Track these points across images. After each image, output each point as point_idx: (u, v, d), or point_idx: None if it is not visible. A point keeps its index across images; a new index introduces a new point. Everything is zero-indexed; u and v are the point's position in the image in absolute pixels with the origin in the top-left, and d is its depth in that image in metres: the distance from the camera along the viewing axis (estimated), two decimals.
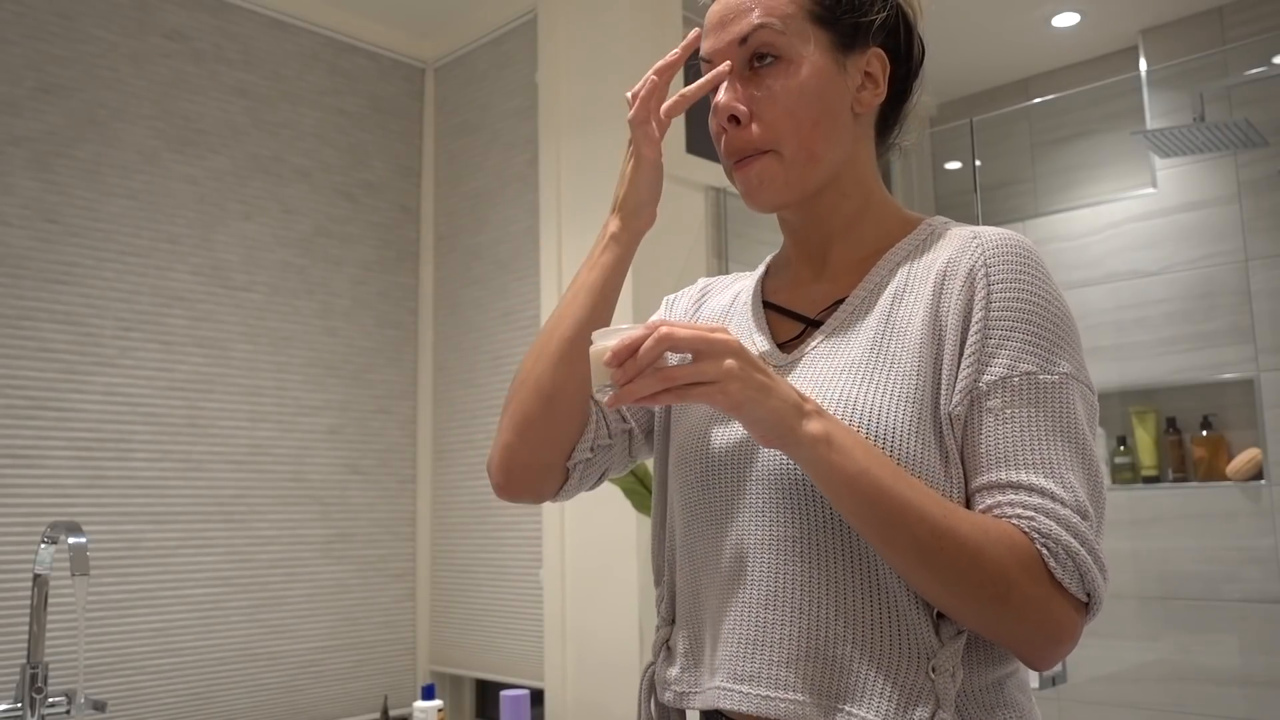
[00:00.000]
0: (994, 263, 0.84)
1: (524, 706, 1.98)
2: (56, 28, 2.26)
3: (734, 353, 0.74)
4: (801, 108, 0.88)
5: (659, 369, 0.74)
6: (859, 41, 0.91)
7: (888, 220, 0.95)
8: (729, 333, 0.76)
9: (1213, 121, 2.48)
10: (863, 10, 0.91)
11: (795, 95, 0.88)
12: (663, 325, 0.73)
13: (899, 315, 0.86)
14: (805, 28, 0.89)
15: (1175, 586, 2.65)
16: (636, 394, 0.73)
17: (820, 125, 0.89)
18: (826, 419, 0.77)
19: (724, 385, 0.73)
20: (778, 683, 0.80)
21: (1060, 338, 0.83)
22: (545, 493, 0.99)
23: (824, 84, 0.89)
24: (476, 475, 2.69)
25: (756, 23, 0.89)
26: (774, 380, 0.76)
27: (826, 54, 0.89)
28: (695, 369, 0.74)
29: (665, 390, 0.74)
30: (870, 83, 0.92)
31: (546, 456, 0.96)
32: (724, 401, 0.74)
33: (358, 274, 2.76)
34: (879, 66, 0.92)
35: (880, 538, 0.77)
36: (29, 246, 2.17)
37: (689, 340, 0.73)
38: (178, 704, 2.28)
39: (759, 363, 0.76)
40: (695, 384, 0.74)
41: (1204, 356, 2.71)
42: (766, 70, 0.89)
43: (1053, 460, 0.79)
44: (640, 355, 0.73)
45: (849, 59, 0.91)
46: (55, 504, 2.15)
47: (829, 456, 0.76)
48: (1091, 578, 0.77)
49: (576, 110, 2.46)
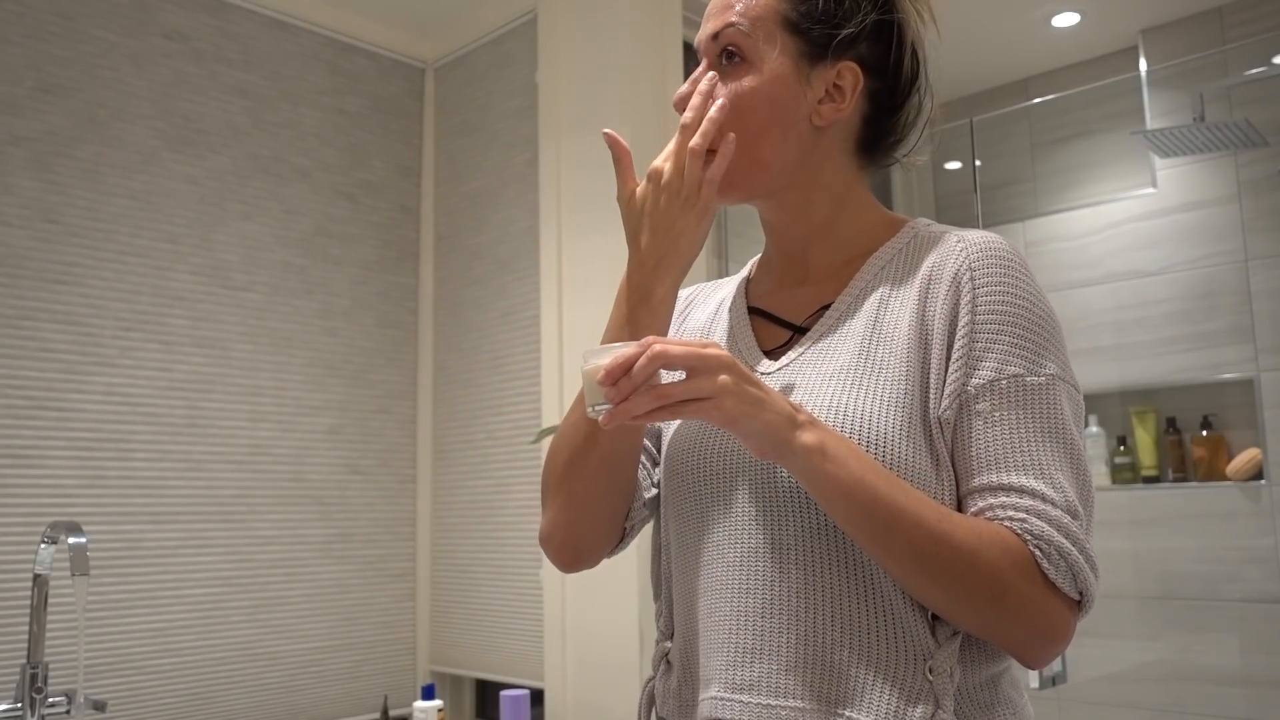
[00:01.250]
0: (979, 267, 0.85)
1: (524, 706, 1.98)
2: (56, 28, 2.26)
3: (727, 368, 0.75)
4: (749, 111, 0.88)
5: (653, 386, 0.74)
6: (829, 53, 0.89)
7: (868, 224, 0.95)
8: (721, 348, 0.76)
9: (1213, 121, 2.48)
10: (836, 23, 0.89)
11: (747, 98, 0.88)
12: (655, 343, 0.74)
13: (885, 320, 0.87)
14: (774, 32, 0.89)
15: (1175, 586, 2.65)
16: (631, 412, 0.74)
17: (767, 132, 0.89)
18: (820, 429, 0.78)
19: (719, 401, 0.74)
20: (778, 691, 0.80)
21: (1045, 340, 0.83)
22: (605, 554, 0.99)
23: (779, 91, 0.89)
24: (476, 475, 2.69)
25: (728, 21, 0.89)
26: (767, 393, 0.77)
27: (790, 61, 0.89)
28: (689, 385, 0.74)
29: (660, 408, 0.74)
30: (837, 95, 0.90)
31: (611, 525, 0.96)
32: (719, 417, 0.75)
33: (358, 274, 2.76)
34: (850, 80, 0.90)
35: (876, 545, 0.77)
36: (29, 246, 2.17)
37: (682, 357, 0.74)
38: (178, 704, 2.28)
39: (752, 376, 0.77)
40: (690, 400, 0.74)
41: (1204, 356, 2.71)
42: (731, 69, 0.90)
43: (1042, 461, 0.80)
44: (634, 373, 0.73)
45: (814, 69, 0.89)
46: (55, 504, 2.15)
47: (823, 466, 0.76)
48: (1083, 577, 0.78)
49: (576, 110, 2.46)
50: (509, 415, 2.61)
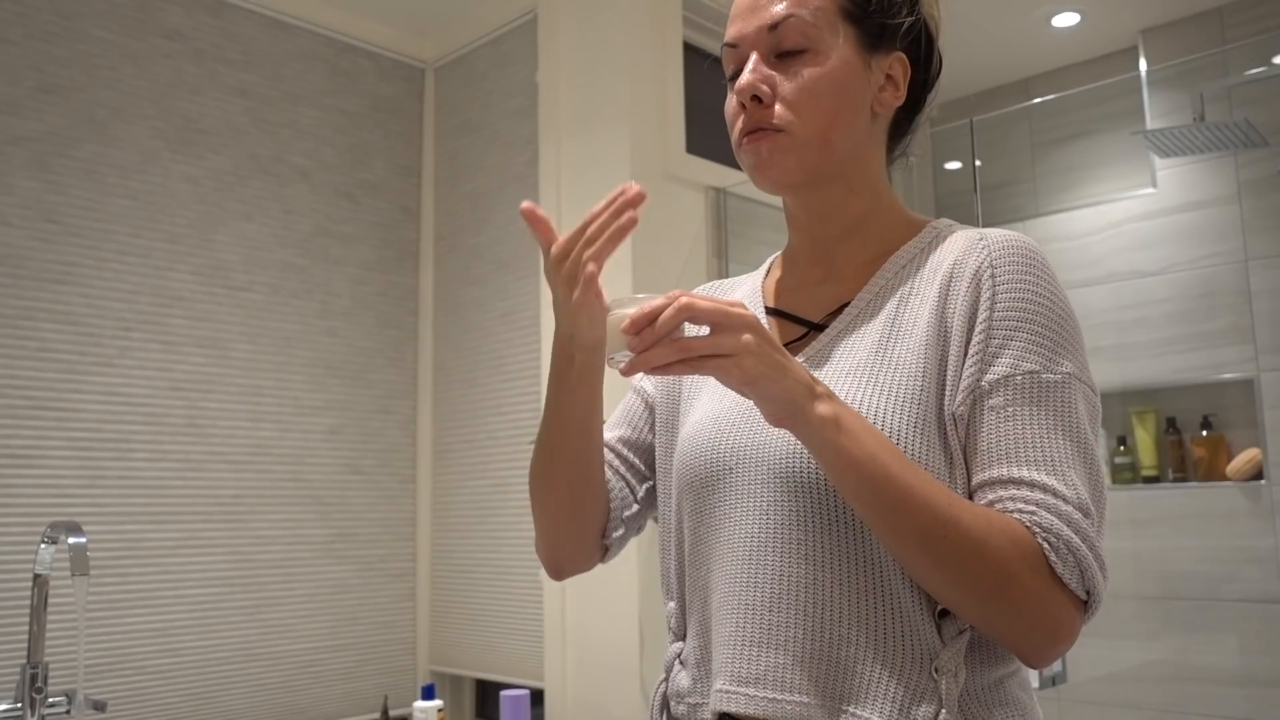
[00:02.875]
0: (1000, 263, 0.85)
1: (524, 706, 1.98)
2: (56, 28, 2.26)
3: (751, 328, 0.74)
4: (826, 95, 0.89)
5: (676, 339, 0.74)
6: (885, 42, 0.92)
7: (894, 223, 0.96)
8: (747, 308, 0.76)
9: (1213, 121, 2.48)
10: (891, 12, 0.92)
11: (821, 82, 0.89)
12: (683, 296, 0.74)
13: (904, 318, 0.87)
14: (835, 21, 0.90)
15: (1175, 586, 2.65)
16: (652, 362, 0.73)
17: (840, 115, 0.90)
18: (836, 403, 0.78)
19: (740, 359, 0.73)
20: (785, 685, 0.80)
21: (1064, 338, 0.83)
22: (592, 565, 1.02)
23: (849, 77, 0.90)
24: (476, 475, 2.69)
25: (787, 12, 0.89)
26: (788, 360, 0.76)
27: (854, 50, 0.90)
28: (713, 341, 0.74)
29: (680, 360, 0.74)
30: (891, 85, 0.93)
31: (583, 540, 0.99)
32: (738, 375, 0.74)
33: (358, 274, 2.76)
34: (900, 70, 0.93)
35: (884, 524, 0.77)
36: (29, 246, 2.17)
37: (708, 312, 0.73)
38: (178, 704, 2.28)
39: (775, 341, 0.77)
40: (711, 356, 0.74)
41: (1204, 356, 2.71)
42: (795, 58, 0.89)
43: (1055, 458, 0.79)
44: (659, 324, 0.73)
45: (874, 58, 0.92)
46: (55, 504, 2.15)
47: (837, 439, 0.76)
48: (1092, 575, 0.77)
49: (576, 110, 2.46)
50: (509, 415, 2.61)
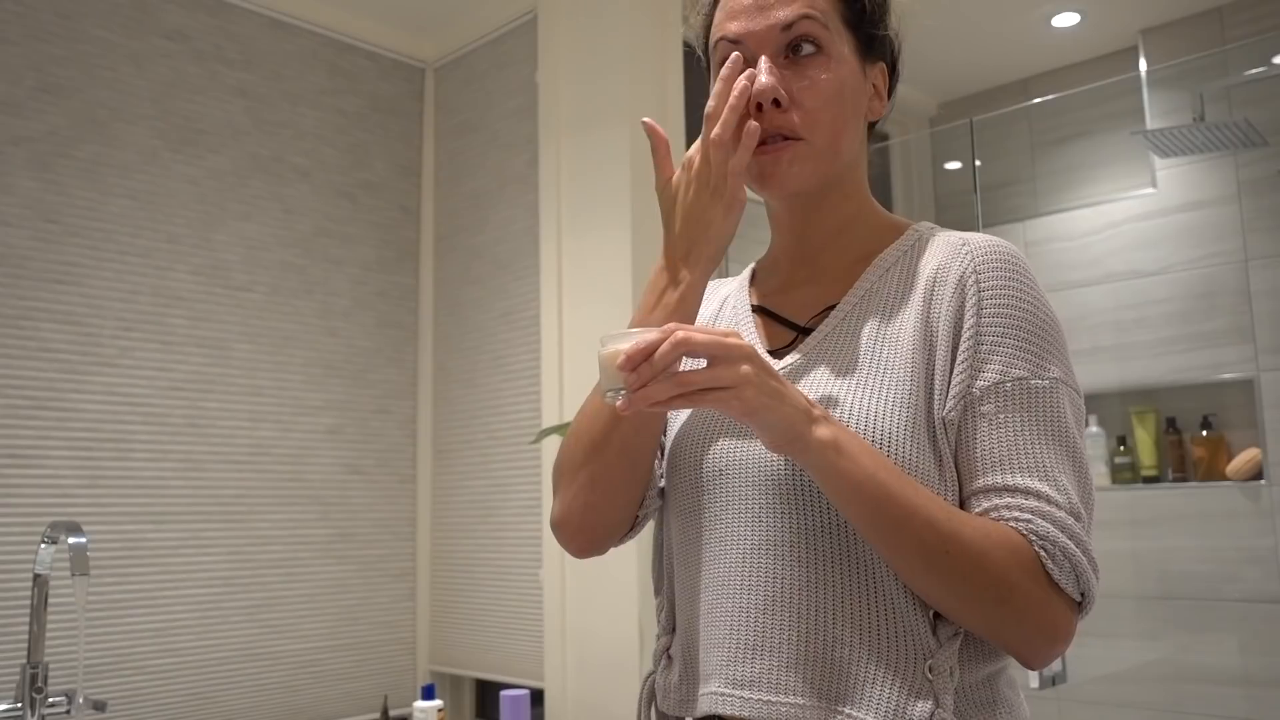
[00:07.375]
0: (984, 270, 0.85)
1: (524, 706, 1.98)
2: (56, 28, 2.26)
3: (749, 358, 0.74)
4: (839, 102, 0.89)
5: (673, 374, 0.73)
6: (873, 52, 0.94)
7: (877, 226, 0.96)
8: (742, 338, 0.75)
9: (1213, 121, 2.49)
10: (878, 24, 0.93)
11: (836, 88, 0.89)
12: (679, 330, 0.73)
13: (890, 321, 0.87)
14: (840, 27, 0.91)
15: (1175, 586, 2.65)
16: (651, 399, 0.73)
17: (849, 123, 0.91)
18: (834, 425, 0.78)
19: (740, 391, 0.73)
20: (779, 687, 0.80)
21: (1049, 344, 0.85)
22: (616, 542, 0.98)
23: (855, 84, 0.91)
24: (476, 475, 2.69)
25: (803, 12, 0.88)
26: (786, 387, 0.77)
27: (854, 56, 0.91)
28: (711, 374, 0.73)
29: (679, 395, 0.73)
30: (878, 95, 0.95)
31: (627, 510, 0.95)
32: (739, 407, 0.74)
33: (358, 274, 2.76)
34: (883, 81, 0.95)
35: (886, 542, 0.78)
36: (29, 246, 2.17)
37: (705, 345, 0.73)
38: (178, 704, 2.28)
39: (772, 369, 0.77)
40: (709, 389, 0.73)
41: (1204, 356, 2.71)
42: (808, 60, 0.89)
43: (1045, 463, 0.80)
44: (656, 360, 0.72)
45: (866, 66, 0.93)
46: (55, 504, 2.15)
47: (837, 462, 0.76)
48: (1086, 577, 0.79)
49: (576, 110, 2.46)
50: (509, 415, 2.61)
